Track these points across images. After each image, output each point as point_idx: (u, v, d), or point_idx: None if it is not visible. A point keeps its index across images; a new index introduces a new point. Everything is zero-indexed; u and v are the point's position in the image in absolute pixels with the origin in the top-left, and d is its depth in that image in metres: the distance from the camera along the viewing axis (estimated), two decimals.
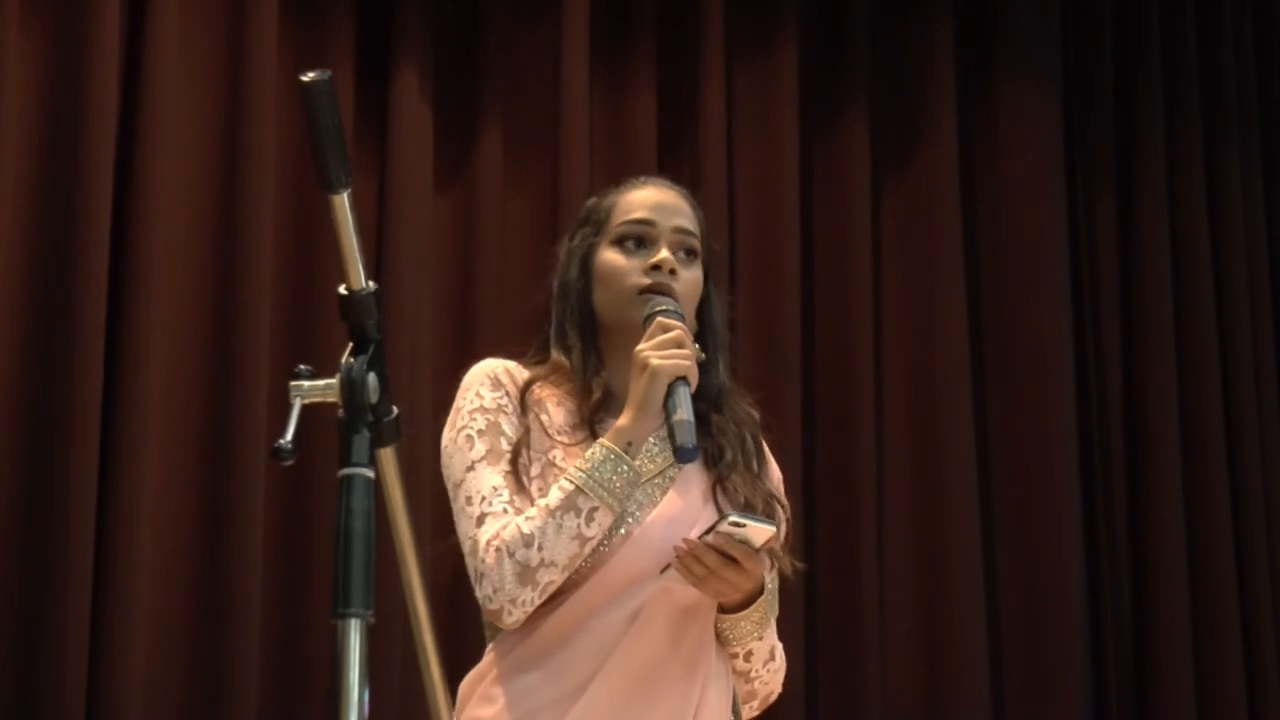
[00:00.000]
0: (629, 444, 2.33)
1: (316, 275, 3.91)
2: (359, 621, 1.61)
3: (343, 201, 1.69)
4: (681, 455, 2.29)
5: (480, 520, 2.32)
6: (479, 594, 2.31)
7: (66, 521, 3.52)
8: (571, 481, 2.30)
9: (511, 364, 2.46)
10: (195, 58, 3.92)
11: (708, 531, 2.28)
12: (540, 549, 2.28)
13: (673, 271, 2.43)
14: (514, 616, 2.31)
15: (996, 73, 4.76)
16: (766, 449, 2.53)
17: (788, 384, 4.33)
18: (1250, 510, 4.73)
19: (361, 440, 1.67)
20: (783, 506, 2.47)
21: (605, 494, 2.30)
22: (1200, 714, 4.57)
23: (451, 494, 2.38)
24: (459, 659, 2.44)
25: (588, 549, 2.31)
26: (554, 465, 2.36)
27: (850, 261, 4.50)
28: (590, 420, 2.41)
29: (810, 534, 4.32)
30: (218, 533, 3.70)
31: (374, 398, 1.69)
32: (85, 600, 3.52)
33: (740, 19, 4.49)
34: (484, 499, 2.33)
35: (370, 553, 1.63)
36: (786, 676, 2.29)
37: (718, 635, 2.42)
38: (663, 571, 2.32)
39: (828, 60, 4.63)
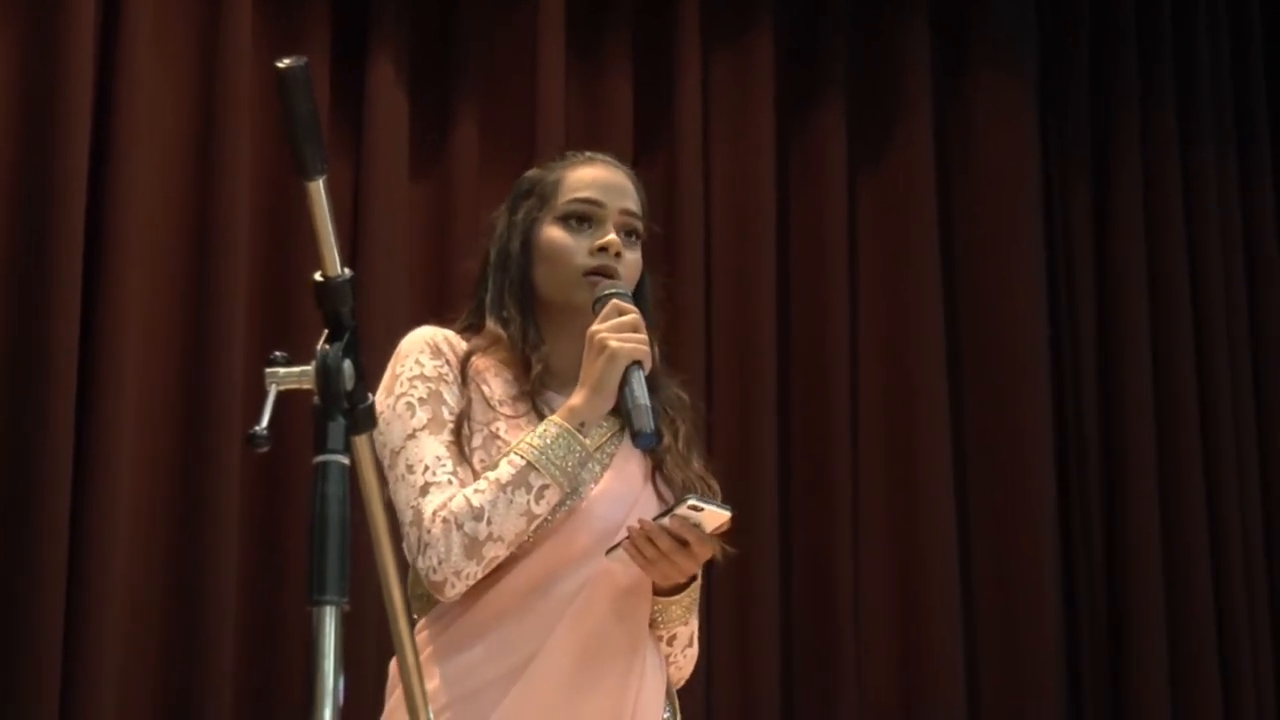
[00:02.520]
0: (581, 424, 2.33)
1: (292, 262, 3.90)
2: (334, 609, 1.61)
3: (318, 188, 1.69)
4: (641, 441, 2.29)
5: (424, 490, 2.31)
6: (421, 564, 2.29)
7: (40, 509, 3.51)
8: (523, 457, 2.30)
9: (449, 332, 2.46)
10: (170, 44, 3.91)
11: (663, 514, 2.29)
12: (489, 523, 2.27)
13: (618, 255, 2.44)
14: (456, 589, 2.30)
15: (972, 66, 4.77)
16: (695, 433, 2.53)
17: (762, 376, 4.33)
18: (1225, 501, 4.75)
19: (337, 427, 1.67)
20: (712, 490, 2.46)
21: (557, 472, 2.30)
22: (1175, 712, 4.58)
23: (388, 461, 2.36)
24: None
25: (534, 526, 2.31)
26: (497, 437, 2.36)
27: (826, 253, 4.50)
28: (531, 394, 2.41)
29: (785, 533, 4.32)
30: (193, 520, 3.69)
31: (349, 385, 1.69)
32: (60, 587, 3.51)
33: (716, 10, 4.49)
34: (427, 468, 2.32)
35: (346, 540, 1.63)
36: (764, 677, 2.30)
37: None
38: (609, 552, 2.31)
39: (804, 52, 4.63)
